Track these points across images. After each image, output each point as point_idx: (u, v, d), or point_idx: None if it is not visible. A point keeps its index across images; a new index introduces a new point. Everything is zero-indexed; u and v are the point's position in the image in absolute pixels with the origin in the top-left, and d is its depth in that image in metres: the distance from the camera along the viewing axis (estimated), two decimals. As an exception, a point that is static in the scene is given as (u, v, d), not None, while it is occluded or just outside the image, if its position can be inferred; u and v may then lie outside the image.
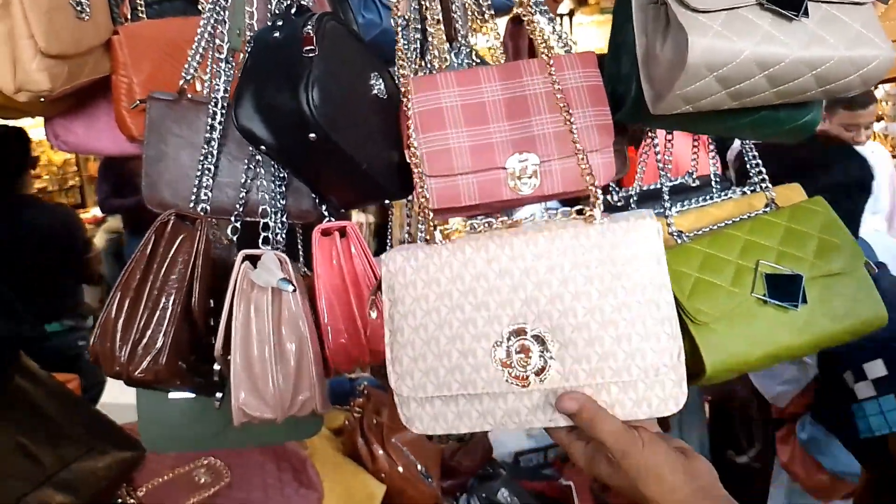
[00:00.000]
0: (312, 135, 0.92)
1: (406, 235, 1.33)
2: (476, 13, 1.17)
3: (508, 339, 0.78)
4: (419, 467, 1.79)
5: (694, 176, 1.35)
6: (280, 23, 0.99)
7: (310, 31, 0.93)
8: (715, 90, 0.87)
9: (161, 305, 0.94)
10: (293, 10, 1.02)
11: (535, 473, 2.28)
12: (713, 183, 1.35)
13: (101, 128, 1.64)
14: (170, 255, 0.96)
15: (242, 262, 0.99)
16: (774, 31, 0.84)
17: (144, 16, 1.58)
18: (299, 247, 1.20)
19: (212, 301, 0.98)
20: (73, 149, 1.76)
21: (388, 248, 1.48)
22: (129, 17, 1.55)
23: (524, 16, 1.01)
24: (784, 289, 1.06)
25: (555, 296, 0.78)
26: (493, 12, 1.16)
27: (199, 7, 1.62)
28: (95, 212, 6.51)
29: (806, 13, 0.85)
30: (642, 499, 0.74)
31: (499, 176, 0.97)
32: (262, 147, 0.98)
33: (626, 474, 0.74)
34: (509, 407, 0.79)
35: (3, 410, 1.34)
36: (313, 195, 1.12)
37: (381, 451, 1.75)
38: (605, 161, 0.98)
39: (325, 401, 1.02)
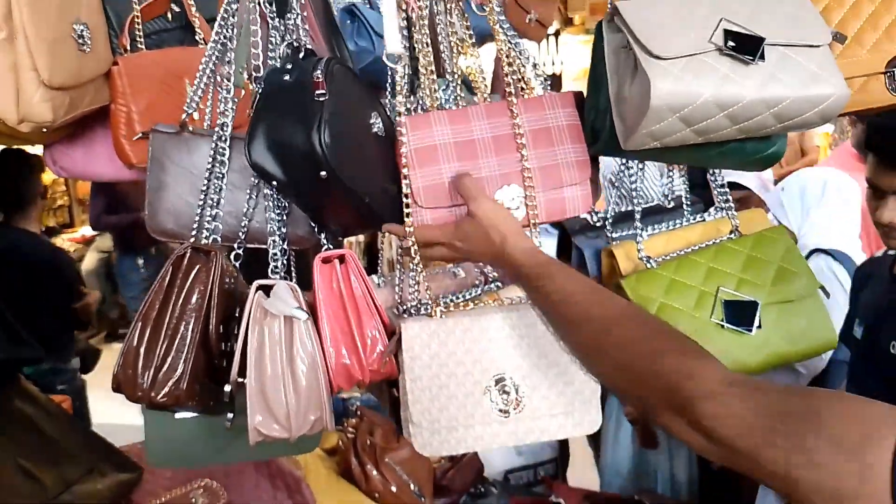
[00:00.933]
0: (323, 172, 0.98)
1: (397, 255, 1.40)
2: (459, 40, 1.24)
3: (495, 384, 1.08)
4: (412, 487, 1.82)
5: (669, 197, 1.44)
6: (290, 66, 1.05)
7: (319, 76, 1.00)
8: (679, 128, 0.96)
9: (180, 333, 1.01)
10: (301, 55, 1.09)
11: (525, 490, 2.33)
12: (684, 205, 1.44)
13: (100, 154, 1.68)
14: (187, 286, 1.02)
15: (256, 291, 1.06)
16: (732, 74, 0.94)
17: (143, 46, 1.63)
18: (292, 270, 1.26)
19: (221, 327, 1.05)
20: (71, 174, 1.81)
21: (378, 267, 1.54)
22: (128, 47, 1.60)
23: (498, 47, 1.13)
24: (741, 314, 1.16)
25: (524, 355, 1.09)
26: (474, 40, 1.23)
27: (201, 40, 1.71)
28: (84, 231, 6.52)
29: (762, 57, 0.94)
30: (489, 241, 1.02)
31: None
32: (274, 182, 1.05)
33: (478, 225, 1.03)
34: (493, 431, 1.09)
35: (4, 432, 1.39)
36: (310, 223, 1.19)
37: (374, 472, 1.79)
38: (584, 193, 1.13)
39: (332, 419, 1.09)
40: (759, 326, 1.16)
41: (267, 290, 1.07)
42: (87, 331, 3.57)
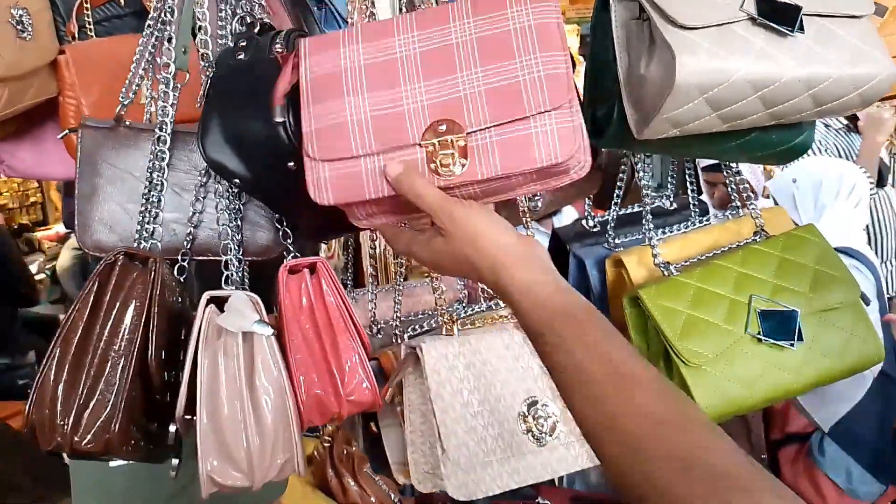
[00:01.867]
0: (291, 163, 0.85)
1: (370, 269, 1.26)
2: None
3: (528, 408, 1.00)
4: (393, 497, 1.74)
5: (672, 199, 1.30)
6: (244, 43, 0.93)
7: (280, 49, 0.87)
8: (705, 112, 0.83)
9: (111, 362, 0.83)
10: (256, 29, 0.96)
11: (512, 494, 2.25)
12: (691, 206, 1.30)
13: (50, 152, 1.60)
14: (118, 302, 0.85)
15: (207, 305, 0.90)
16: (769, 49, 0.80)
17: (93, 34, 1.53)
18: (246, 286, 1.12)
19: (164, 353, 0.89)
20: (21, 174, 1.71)
21: (348, 284, 1.40)
22: (76, 35, 1.50)
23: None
24: (780, 326, 1.02)
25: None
26: None
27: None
28: (58, 229, 6.36)
29: (801, 28, 0.81)
30: (475, 269, 0.71)
31: (414, 157, 0.73)
32: (236, 180, 0.92)
33: (457, 241, 0.71)
34: (528, 464, 1.01)
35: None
36: (275, 228, 1.04)
37: (352, 484, 1.69)
38: (562, 127, 0.71)
39: (304, 460, 0.93)
40: (801, 339, 1.02)
41: (220, 303, 0.91)
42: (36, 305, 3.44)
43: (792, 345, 1.01)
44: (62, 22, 1.50)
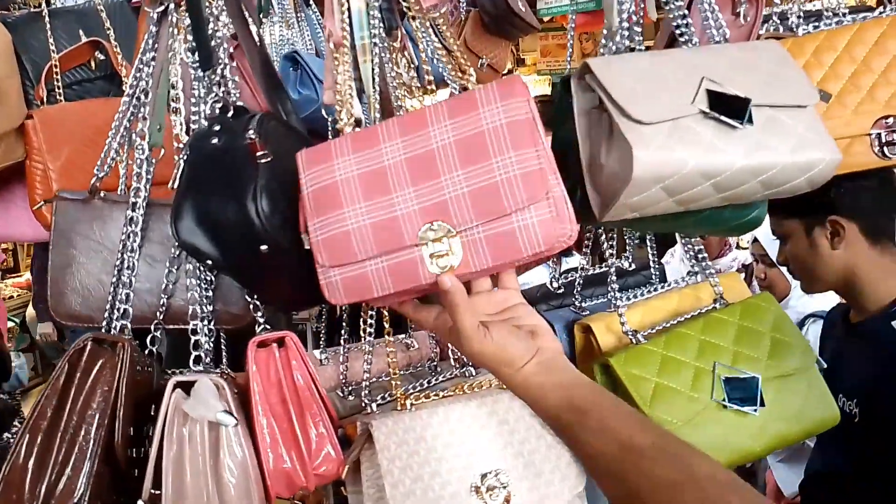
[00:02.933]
0: (264, 246, 0.89)
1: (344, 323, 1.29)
2: (405, 85, 1.17)
3: (481, 481, 1.00)
4: None
5: (630, 260, 1.36)
6: (217, 127, 0.96)
7: (253, 136, 0.90)
8: (662, 198, 0.88)
9: (78, 444, 0.86)
10: (229, 113, 0.99)
11: None
12: (652, 267, 1.36)
13: (18, 214, 1.61)
14: (87, 386, 0.88)
15: (174, 390, 0.93)
16: (718, 141, 0.86)
17: (62, 98, 1.55)
18: (222, 346, 1.14)
19: (132, 429, 0.91)
20: None
21: (322, 335, 1.42)
22: (44, 99, 1.52)
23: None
24: (742, 392, 1.06)
25: (505, 445, 1.02)
26: (430, 85, 1.16)
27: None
28: (28, 276, 6.33)
29: (750, 120, 0.87)
30: (491, 365, 0.81)
31: (413, 256, 0.80)
32: (209, 262, 0.95)
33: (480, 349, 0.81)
34: None
35: None
36: (246, 298, 1.07)
37: None
38: (543, 218, 0.77)
39: None
40: (763, 405, 1.07)
41: (187, 387, 0.94)
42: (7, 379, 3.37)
43: (755, 410, 1.05)
44: (31, 86, 1.52)
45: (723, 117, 0.86)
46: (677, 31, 1.10)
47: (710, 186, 0.87)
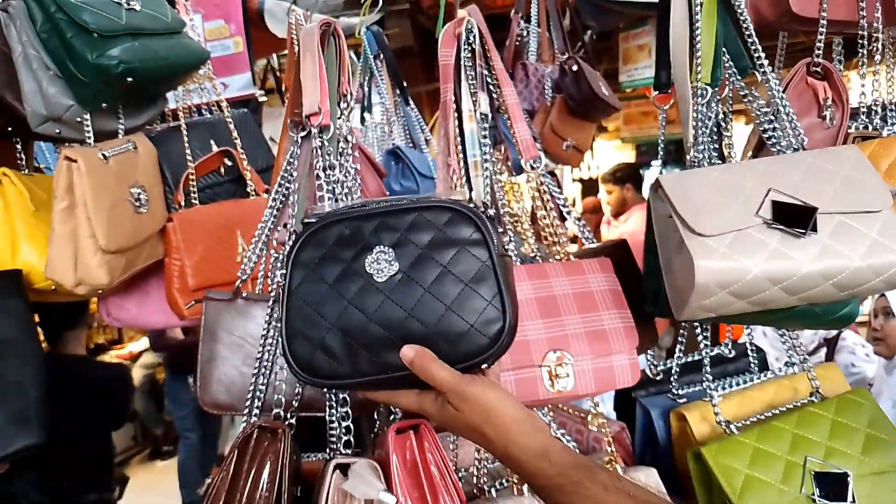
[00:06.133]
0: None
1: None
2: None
3: None
4: None
5: (730, 345, 1.43)
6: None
7: None
8: (732, 301, 0.98)
9: None
10: None
11: None
12: (749, 354, 1.42)
13: (153, 305, 1.82)
14: (254, 469, 0.99)
15: (333, 471, 1.01)
16: (783, 248, 0.96)
17: (197, 201, 1.78)
18: (352, 439, 1.21)
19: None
20: (124, 325, 1.94)
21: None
22: (182, 203, 1.75)
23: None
24: (833, 487, 1.12)
25: None
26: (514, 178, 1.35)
27: (252, 191, 1.85)
28: (132, 348, 6.90)
29: (815, 228, 0.96)
30: (486, 439, 0.85)
31: (535, 374, 1.09)
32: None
33: (468, 415, 0.85)
34: None
35: None
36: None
37: None
38: (632, 363, 1.13)
39: None
40: (854, 501, 1.12)
41: (343, 468, 1.04)
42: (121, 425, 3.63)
43: None
44: (170, 192, 1.74)
45: (786, 227, 0.96)
46: (765, 136, 1.21)
47: (780, 290, 0.97)
